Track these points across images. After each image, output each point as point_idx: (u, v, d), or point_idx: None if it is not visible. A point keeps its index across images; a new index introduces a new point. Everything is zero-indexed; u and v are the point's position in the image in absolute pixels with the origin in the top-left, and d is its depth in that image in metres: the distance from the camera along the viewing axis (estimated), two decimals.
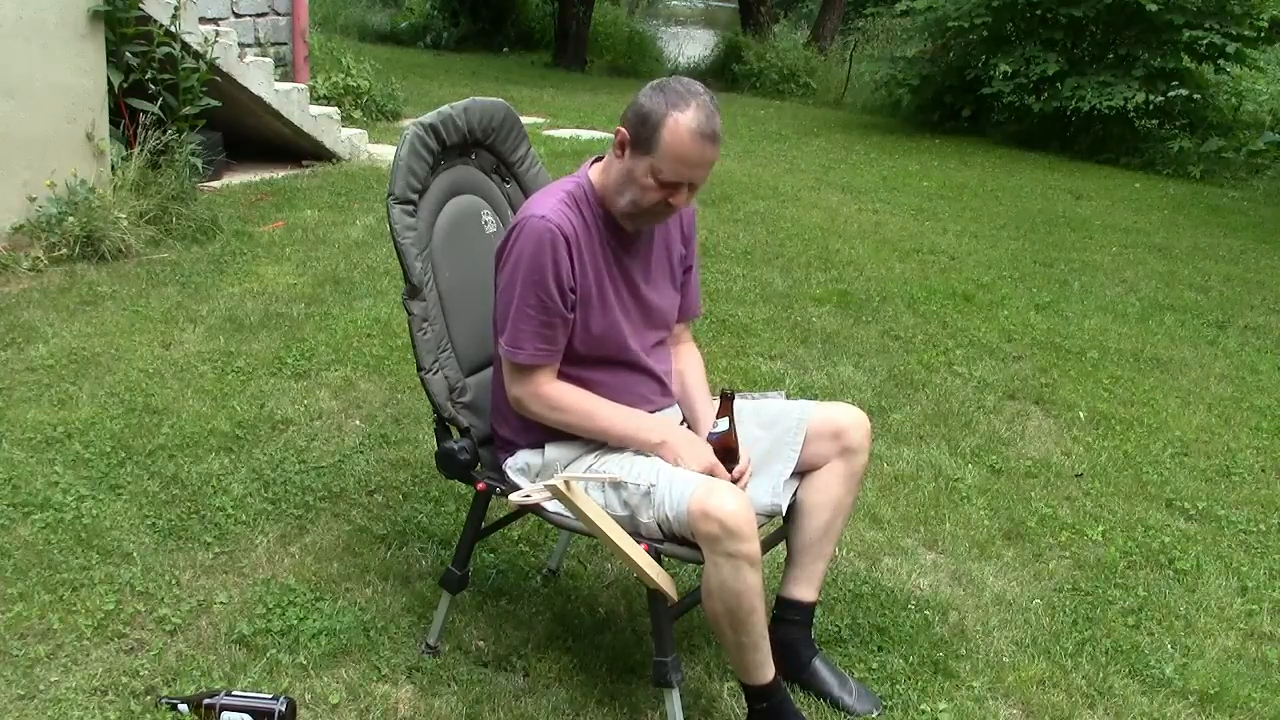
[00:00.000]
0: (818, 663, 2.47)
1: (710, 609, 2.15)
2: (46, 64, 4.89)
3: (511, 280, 2.24)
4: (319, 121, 7.13)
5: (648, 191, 2.20)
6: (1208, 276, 6.62)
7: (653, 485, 2.16)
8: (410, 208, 2.43)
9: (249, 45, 7.91)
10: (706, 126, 2.13)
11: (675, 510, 2.12)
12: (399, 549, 2.92)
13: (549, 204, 2.27)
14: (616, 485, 2.21)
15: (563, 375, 2.31)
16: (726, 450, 2.27)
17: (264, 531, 2.96)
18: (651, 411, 2.40)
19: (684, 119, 2.13)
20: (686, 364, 2.56)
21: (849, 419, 2.41)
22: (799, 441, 2.37)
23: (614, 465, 2.26)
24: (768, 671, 2.24)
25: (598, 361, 2.34)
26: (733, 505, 2.06)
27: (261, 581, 2.72)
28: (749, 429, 2.42)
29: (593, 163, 2.36)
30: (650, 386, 2.42)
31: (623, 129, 2.21)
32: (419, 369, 2.44)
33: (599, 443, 2.33)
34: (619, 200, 2.26)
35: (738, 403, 2.51)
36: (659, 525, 2.16)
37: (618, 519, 2.19)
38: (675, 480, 2.16)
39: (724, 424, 2.27)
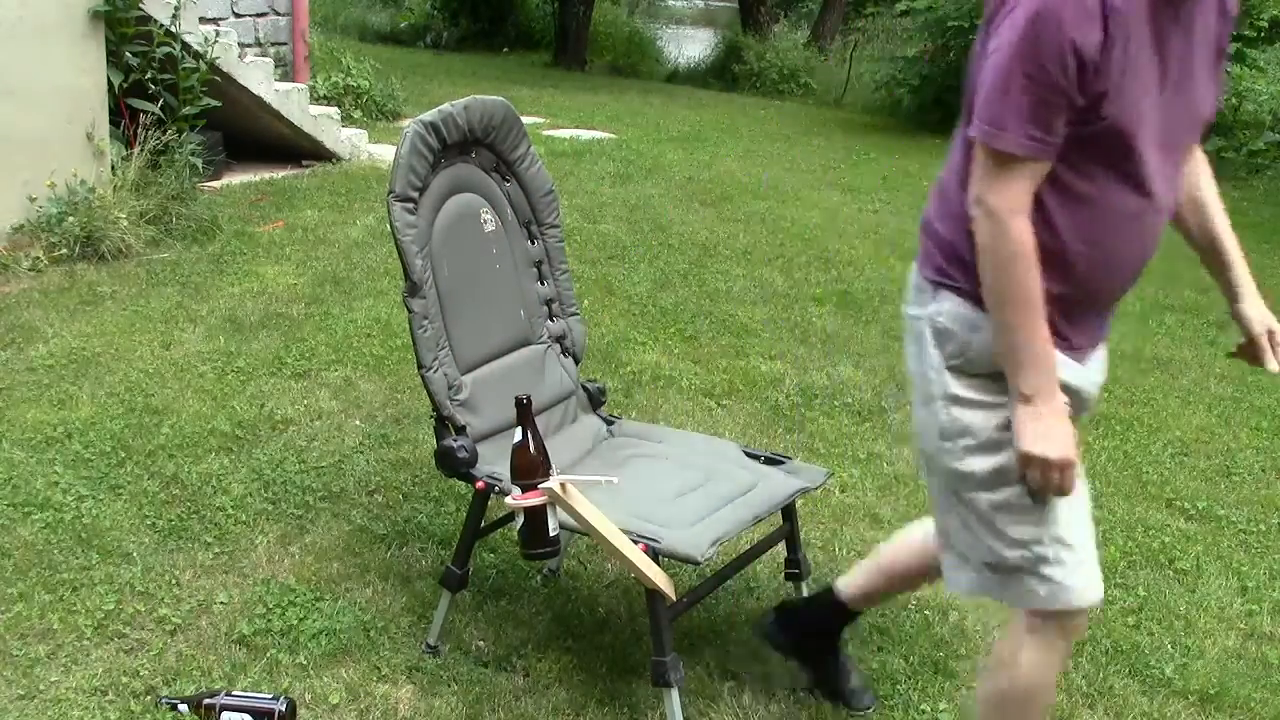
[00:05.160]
0: (845, 653, 2.49)
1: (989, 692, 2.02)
2: (46, 64, 4.89)
3: (1010, 40, 1.66)
4: (319, 121, 7.12)
5: None
6: (1208, 276, 6.60)
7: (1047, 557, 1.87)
8: (411, 205, 2.44)
9: (249, 45, 7.91)
10: None
11: (1064, 586, 1.87)
12: (399, 549, 2.92)
13: None
14: (998, 567, 1.90)
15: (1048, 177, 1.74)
16: (526, 463, 2.01)
17: (264, 531, 2.96)
18: (1142, 235, 1.85)
19: None
20: (1204, 188, 2.03)
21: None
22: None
23: None
24: None
25: (1099, 166, 1.76)
26: (1099, 596, 1.92)
27: (261, 581, 2.72)
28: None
29: None
30: (1147, 217, 1.83)
31: None
32: (419, 366, 2.44)
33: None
34: None
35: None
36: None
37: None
38: (1074, 560, 1.88)
39: (518, 433, 2.02)
